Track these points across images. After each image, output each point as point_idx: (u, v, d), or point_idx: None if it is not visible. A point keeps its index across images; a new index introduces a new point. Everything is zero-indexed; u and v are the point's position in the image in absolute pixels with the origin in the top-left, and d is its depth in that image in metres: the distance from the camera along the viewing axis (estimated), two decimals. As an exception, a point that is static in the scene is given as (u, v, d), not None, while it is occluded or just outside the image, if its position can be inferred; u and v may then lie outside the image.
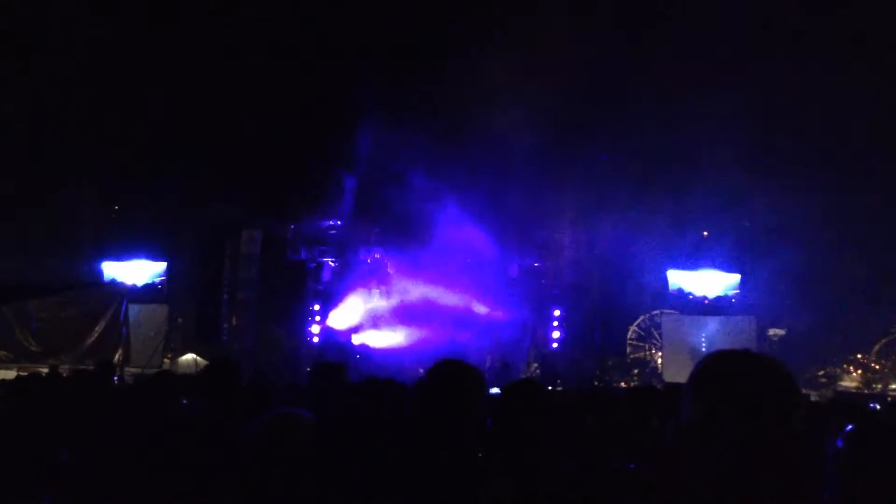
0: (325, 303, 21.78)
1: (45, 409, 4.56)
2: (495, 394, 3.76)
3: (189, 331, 22.13)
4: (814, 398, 11.44)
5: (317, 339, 21.44)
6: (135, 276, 21.37)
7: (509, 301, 20.23)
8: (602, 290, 21.31)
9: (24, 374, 9.07)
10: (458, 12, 18.42)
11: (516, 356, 20.28)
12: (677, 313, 21.35)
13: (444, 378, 2.44)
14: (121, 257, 21.68)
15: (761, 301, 20.29)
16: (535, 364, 21.04)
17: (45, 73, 19.06)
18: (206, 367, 4.49)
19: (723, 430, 1.48)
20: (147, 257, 22.01)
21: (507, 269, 21.27)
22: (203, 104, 19.64)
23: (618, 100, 18.77)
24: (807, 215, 17.57)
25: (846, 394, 17.16)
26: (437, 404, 2.36)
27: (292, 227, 22.22)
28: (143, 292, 20.92)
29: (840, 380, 20.95)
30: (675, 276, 21.59)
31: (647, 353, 22.08)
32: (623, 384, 19.47)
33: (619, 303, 21.46)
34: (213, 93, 19.74)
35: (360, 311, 21.14)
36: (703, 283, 21.34)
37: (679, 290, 21.58)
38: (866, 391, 19.21)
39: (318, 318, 21.69)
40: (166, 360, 19.40)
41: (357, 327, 21.06)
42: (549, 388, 8.61)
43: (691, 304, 21.30)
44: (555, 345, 20.82)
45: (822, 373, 20.96)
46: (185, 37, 18.96)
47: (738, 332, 19.56)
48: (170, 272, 22.33)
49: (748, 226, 20.60)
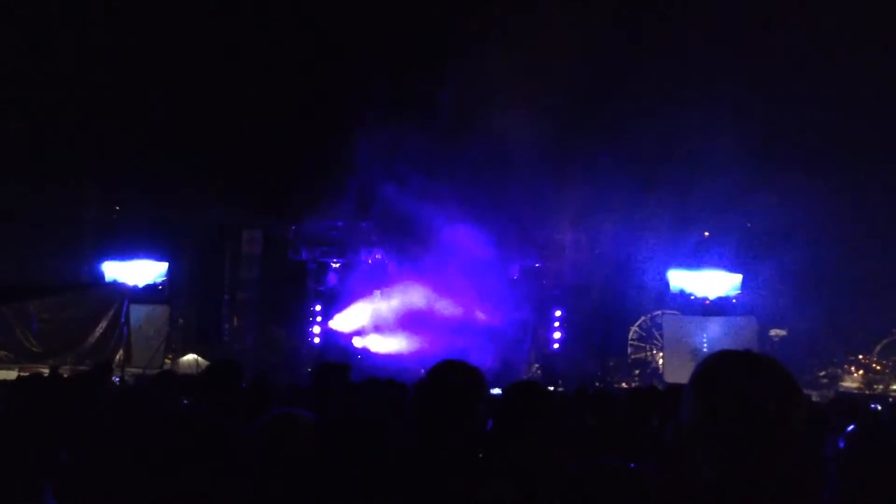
0: (326, 303, 21.77)
1: (45, 410, 4.55)
2: (496, 394, 3.75)
3: (190, 331, 22.17)
4: (815, 398, 11.43)
5: (318, 339, 21.45)
6: (136, 276, 21.36)
7: (510, 302, 20.21)
8: (603, 290, 21.31)
9: (25, 375, 9.05)
10: (458, 12, 18.44)
11: (517, 357, 20.27)
12: (678, 314, 21.33)
13: (444, 378, 2.43)
14: (122, 258, 21.69)
15: (762, 302, 20.28)
16: (536, 364, 21.03)
17: (45, 73, 19.08)
18: (207, 368, 4.49)
19: (723, 431, 1.47)
20: (148, 258, 22.02)
21: (508, 269, 21.25)
22: (203, 104, 19.67)
23: (618, 100, 18.77)
24: (808, 216, 17.55)
25: (847, 394, 17.14)
26: (438, 404, 2.35)
27: (293, 227, 22.21)
28: (144, 293, 20.90)
29: (841, 380, 20.97)
30: (676, 277, 21.55)
31: (648, 353, 22.06)
32: (624, 385, 19.47)
33: (620, 303, 21.45)
34: (213, 93, 19.77)
35: (361, 315, 21.11)
36: (705, 284, 21.30)
37: (680, 290, 21.54)
38: (867, 392, 19.23)
39: (318, 318, 21.69)
40: (167, 361, 19.37)
41: (358, 331, 21.03)
42: (550, 389, 8.60)
43: (692, 305, 21.27)
44: (556, 345, 20.82)
45: (823, 373, 20.98)
46: (185, 37, 18.97)
47: (740, 333, 19.55)
48: (171, 273, 22.35)
49: (749, 226, 20.58)
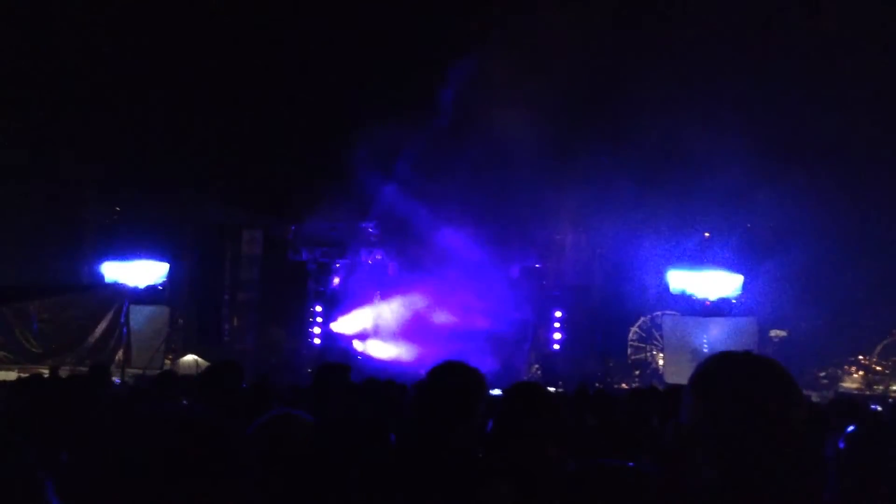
0: (326, 304, 21.75)
1: (45, 410, 4.55)
2: (496, 395, 3.75)
3: (190, 332, 22.14)
4: (815, 399, 11.42)
5: (318, 340, 21.43)
6: (136, 277, 21.36)
7: (510, 302, 20.18)
8: (603, 291, 21.29)
9: (25, 375, 9.05)
10: (458, 12, 18.44)
11: (517, 357, 20.25)
12: (679, 314, 21.30)
13: (444, 379, 2.43)
14: (122, 258, 21.68)
15: (763, 302, 20.24)
16: (536, 365, 21.00)
17: (45, 72, 19.09)
18: (207, 368, 4.49)
19: (723, 431, 1.47)
20: (148, 258, 22.01)
21: (508, 270, 21.23)
22: (203, 104, 19.67)
23: (619, 100, 18.74)
24: (809, 217, 17.53)
25: (847, 395, 17.11)
26: (438, 405, 2.35)
27: (293, 227, 22.19)
28: (144, 294, 20.90)
29: (841, 381, 20.94)
30: (676, 278, 21.52)
31: (649, 354, 22.02)
32: (624, 385, 19.44)
33: (620, 304, 21.40)
34: (213, 93, 19.77)
35: (361, 318, 21.08)
36: (705, 285, 21.27)
37: (681, 291, 21.51)
38: (867, 392, 19.20)
39: (319, 319, 21.67)
40: (167, 362, 19.38)
41: (359, 335, 21.01)
42: (550, 389, 8.59)
43: (693, 306, 21.24)
44: (556, 346, 20.79)
45: (823, 374, 20.95)
46: (185, 37, 18.98)
47: (740, 334, 19.53)
48: (171, 273, 22.34)
49: (750, 227, 20.56)
